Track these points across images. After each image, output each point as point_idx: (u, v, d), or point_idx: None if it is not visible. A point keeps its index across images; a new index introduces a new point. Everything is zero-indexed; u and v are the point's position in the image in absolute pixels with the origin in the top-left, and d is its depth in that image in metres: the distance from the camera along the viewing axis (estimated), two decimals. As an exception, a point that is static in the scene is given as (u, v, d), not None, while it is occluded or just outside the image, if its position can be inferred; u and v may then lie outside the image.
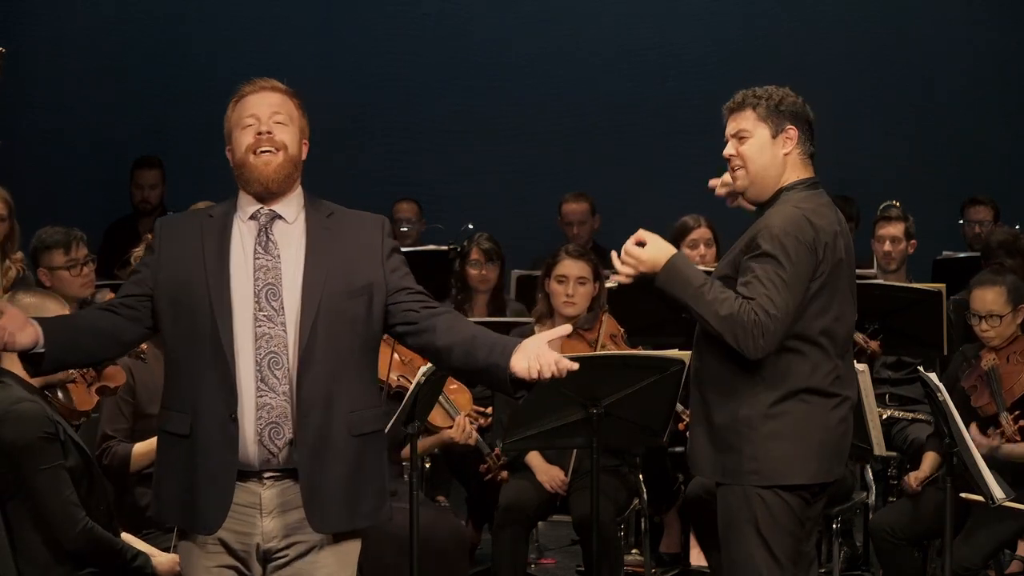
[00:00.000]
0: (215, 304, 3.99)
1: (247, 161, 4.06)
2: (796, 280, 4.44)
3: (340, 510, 4.02)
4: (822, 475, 4.55)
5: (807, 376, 4.50)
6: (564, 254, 6.71)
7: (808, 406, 4.50)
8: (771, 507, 4.51)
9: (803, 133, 4.62)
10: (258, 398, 3.97)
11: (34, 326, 3.98)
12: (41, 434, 4.91)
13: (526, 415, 5.73)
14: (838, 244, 4.54)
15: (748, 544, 4.53)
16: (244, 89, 4.17)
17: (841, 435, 4.59)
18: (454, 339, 4.03)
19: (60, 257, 6.54)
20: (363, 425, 4.05)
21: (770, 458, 4.49)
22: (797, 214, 4.49)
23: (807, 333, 4.49)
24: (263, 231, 4.06)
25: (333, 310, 4.01)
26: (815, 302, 4.50)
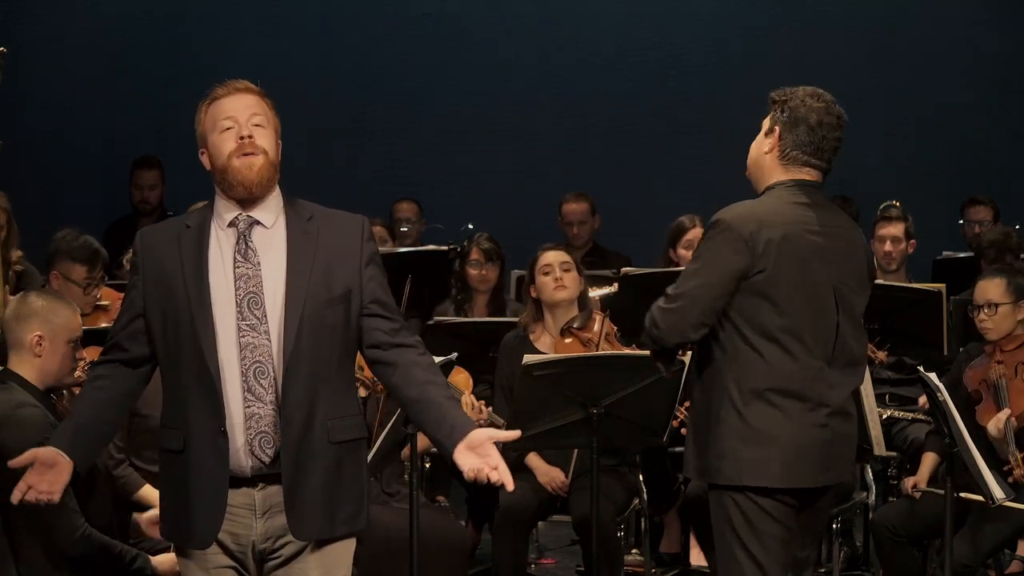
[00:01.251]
0: (196, 318, 3.97)
1: (230, 165, 4.01)
2: (710, 271, 4.45)
3: (319, 517, 4.02)
4: (791, 480, 4.47)
5: (769, 376, 4.45)
6: (541, 250, 6.77)
7: (775, 408, 4.45)
8: (743, 509, 4.49)
9: (791, 136, 4.58)
10: (246, 409, 3.97)
11: (60, 466, 4.02)
12: (41, 440, 4.90)
13: (526, 415, 5.73)
14: (796, 243, 4.47)
15: (728, 545, 4.53)
16: (217, 92, 4.08)
17: (818, 442, 4.48)
18: (407, 392, 4.05)
19: (81, 273, 6.42)
20: (342, 432, 4.04)
21: (733, 458, 4.47)
22: (747, 207, 4.51)
23: (765, 329, 4.45)
24: (242, 238, 4.03)
25: (315, 317, 3.99)
26: (764, 298, 4.45)
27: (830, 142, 4.62)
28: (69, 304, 5.23)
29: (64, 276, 6.45)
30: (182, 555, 4.12)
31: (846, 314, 4.55)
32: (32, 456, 4.02)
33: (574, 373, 5.65)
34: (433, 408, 4.01)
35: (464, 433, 3.97)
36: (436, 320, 7.32)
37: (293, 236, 4.05)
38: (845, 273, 4.57)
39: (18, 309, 5.11)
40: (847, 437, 4.58)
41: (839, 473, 4.59)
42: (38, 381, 5.07)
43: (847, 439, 4.58)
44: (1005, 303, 6.31)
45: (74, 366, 5.20)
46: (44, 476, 4.02)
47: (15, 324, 5.07)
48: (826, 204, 4.63)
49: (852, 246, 4.63)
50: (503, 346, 6.70)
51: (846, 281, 4.57)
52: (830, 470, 4.54)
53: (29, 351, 5.04)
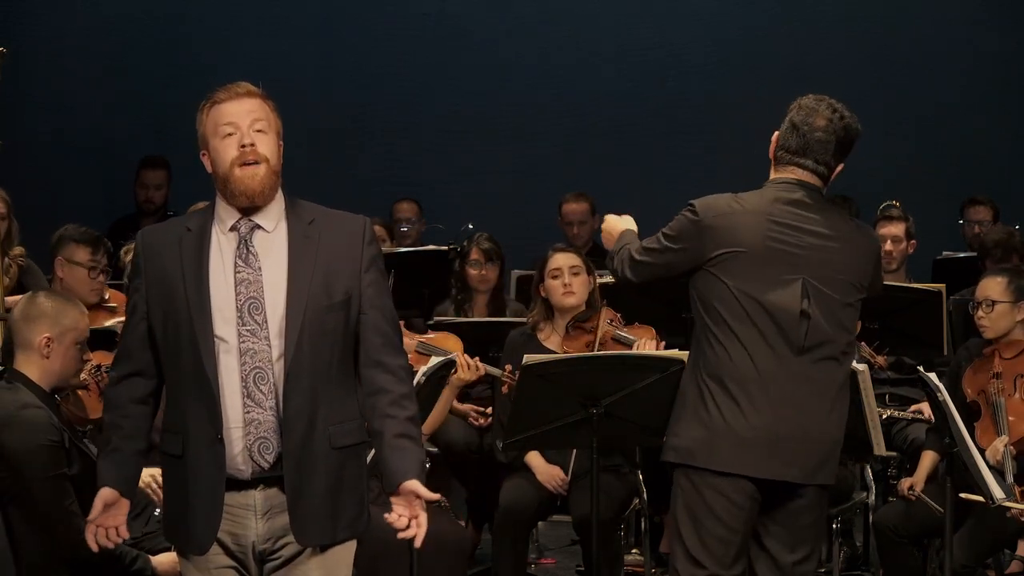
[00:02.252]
0: (196, 323, 3.96)
1: (232, 175, 3.99)
2: (664, 242, 4.67)
3: (322, 523, 4.03)
4: (737, 466, 4.49)
5: (729, 365, 4.51)
6: (552, 251, 6.78)
7: (728, 397, 4.50)
8: (683, 489, 4.55)
9: (783, 138, 4.67)
10: (245, 414, 3.97)
11: (121, 502, 4.06)
12: (45, 442, 4.91)
13: (526, 415, 5.73)
14: (759, 232, 4.53)
15: (672, 534, 4.62)
16: (218, 95, 4.04)
17: (773, 433, 4.49)
18: (367, 417, 4.07)
19: (85, 255, 6.56)
20: (344, 437, 4.04)
21: (686, 436, 4.56)
22: (719, 197, 4.65)
23: (718, 315, 4.54)
24: (243, 243, 4.02)
25: (316, 323, 3.98)
26: (723, 286, 4.52)
27: (815, 143, 4.63)
28: (77, 305, 5.24)
29: (68, 260, 6.55)
30: (182, 556, 4.13)
31: (821, 311, 4.54)
32: (102, 502, 4.04)
33: (574, 373, 5.65)
34: (383, 447, 4.03)
35: (397, 482, 4.00)
36: (436, 320, 7.31)
37: (294, 240, 4.03)
38: (821, 271, 4.57)
39: (27, 310, 5.11)
40: (806, 432, 4.54)
41: (805, 472, 4.53)
42: (44, 382, 5.07)
43: (807, 434, 4.54)
44: (1004, 301, 6.29)
45: (80, 367, 5.21)
46: (108, 513, 4.05)
47: (23, 325, 5.08)
48: (812, 202, 4.63)
49: (844, 248, 4.61)
50: (508, 343, 6.70)
51: (820, 278, 4.56)
52: (790, 466, 4.51)
53: (37, 352, 5.05)
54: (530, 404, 5.70)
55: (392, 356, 4.08)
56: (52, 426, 4.94)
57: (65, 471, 4.92)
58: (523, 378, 5.67)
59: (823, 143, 4.63)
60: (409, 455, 4.01)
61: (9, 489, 4.96)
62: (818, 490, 4.60)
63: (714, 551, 4.51)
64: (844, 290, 4.60)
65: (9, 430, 4.91)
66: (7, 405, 4.95)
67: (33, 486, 4.90)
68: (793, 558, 4.60)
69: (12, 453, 4.92)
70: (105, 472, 4.07)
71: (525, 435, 5.79)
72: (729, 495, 4.49)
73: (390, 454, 4.01)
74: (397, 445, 4.01)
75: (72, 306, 5.19)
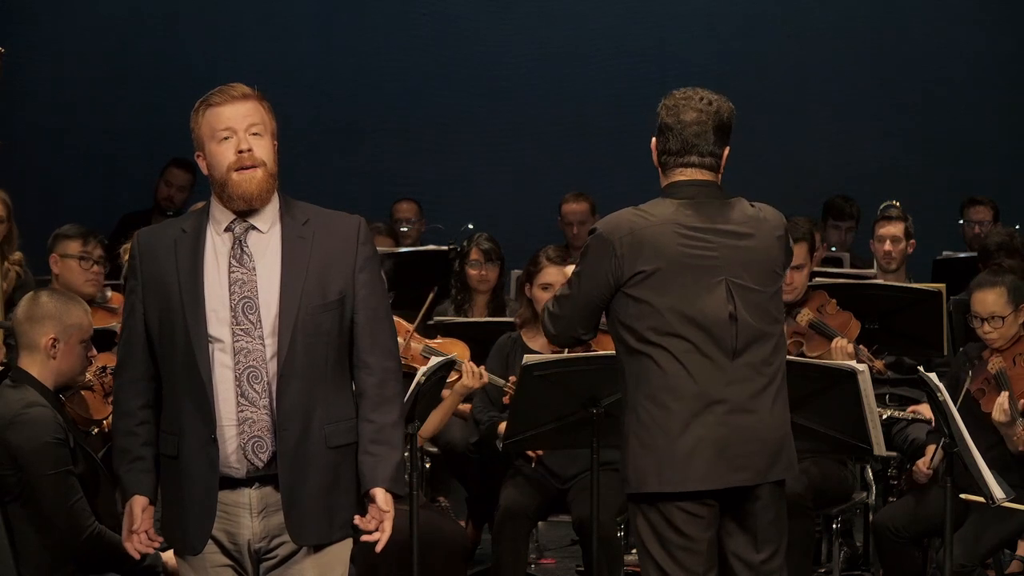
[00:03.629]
0: (190, 324, 3.99)
1: (229, 179, 4.02)
2: (585, 274, 4.55)
3: (318, 522, 4.05)
4: (686, 483, 4.42)
5: (658, 378, 4.43)
6: (546, 261, 6.69)
7: (664, 410, 4.42)
8: (648, 517, 4.49)
9: (660, 144, 4.61)
10: (239, 413, 3.99)
11: (149, 508, 4.11)
12: (50, 439, 4.92)
13: (526, 415, 5.73)
14: (669, 243, 4.45)
15: (641, 556, 4.55)
16: (213, 98, 4.06)
17: (714, 441, 4.43)
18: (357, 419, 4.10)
19: (75, 247, 6.67)
20: (339, 437, 4.06)
21: (632, 466, 4.47)
22: (621, 214, 4.55)
23: (641, 335, 4.44)
24: (237, 243, 4.04)
25: (310, 323, 4.01)
26: (644, 302, 4.44)
27: (693, 137, 4.54)
28: (79, 303, 5.26)
29: (61, 255, 6.70)
30: (179, 556, 4.14)
31: (747, 308, 4.48)
32: (140, 510, 4.09)
33: (574, 373, 5.65)
34: (359, 451, 4.08)
35: (366, 488, 4.06)
36: (436, 320, 7.31)
37: (288, 241, 4.05)
38: (740, 266, 4.50)
39: (30, 310, 5.12)
40: (753, 432, 4.47)
41: (757, 473, 4.49)
42: (49, 381, 5.09)
43: (755, 436, 4.48)
44: (1008, 313, 6.31)
45: (86, 365, 5.23)
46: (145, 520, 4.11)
47: (28, 327, 5.09)
48: (711, 200, 4.54)
49: (750, 239, 4.54)
50: (497, 346, 6.68)
51: (742, 273, 4.50)
52: (741, 470, 4.46)
53: (43, 353, 5.07)
54: (530, 404, 5.70)
55: (378, 358, 4.09)
56: (58, 424, 4.96)
57: (71, 468, 4.93)
58: (523, 378, 5.67)
59: (700, 135, 4.54)
60: (381, 462, 4.04)
61: (13, 488, 4.97)
62: (773, 487, 4.54)
63: (684, 562, 4.48)
64: (765, 280, 4.53)
65: (15, 429, 4.92)
66: (13, 404, 4.96)
67: (39, 484, 4.92)
68: (760, 557, 4.56)
69: (18, 452, 4.93)
70: (135, 482, 4.10)
71: (525, 435, 5.79)
72: (686, 508, 4.46)
73: (363, 459, 4.06)
74: (370, 451, 4.05)
75: (75, 304, 5.20)
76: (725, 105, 4.59)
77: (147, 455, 4.11)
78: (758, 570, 4.56)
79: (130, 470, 4.10)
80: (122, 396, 4.15)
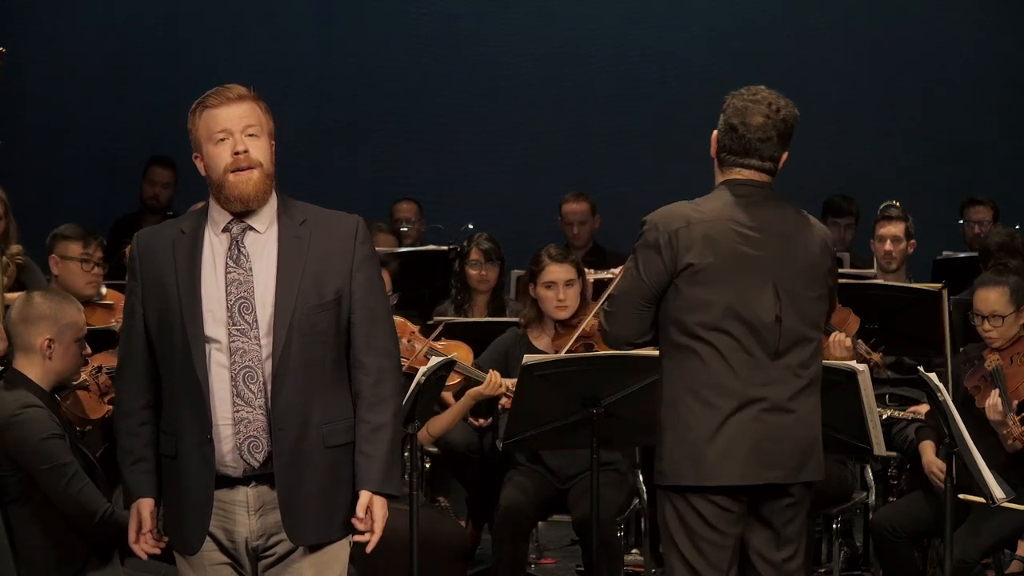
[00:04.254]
0: (187, 325, 4.00)
1: (226, 181, 4.03)
2: (635, 273, 4.52)
3: (315, 522, 4.06)
4: (721, 478, 4.44)
5: (702, 374, 4.45)
6: (548, 259, 6.66)
7: (706, 406, 4.44)
8: (679, 510, 4.49)
9: (722, 140, 4.61)
10: (235, 413, 4.00)
11: (154, 509, 4.12)
12: (45, 435, 4.93)
13: (526, 415, 5.73)
14: (723, 239, 4.47)
15: (666, 549, 4.56)
16: (210, 99, 4.07)
17: (751, 437, 4.45)
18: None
19: (76, 248, 6.63)
20: (337, 437, 4.06)
21: (669, 459, 4.48)
22: (674, 206, 4.56)
23: (688, 330, 4.46)
24: (235, 243, 4.05)
25: (306, 323, 4.01)
26: (693, 295, 4.45)
27: (757, 143, 4.56)
28: (73, 302, 5.26)
29: (61, 256, 6.65)
30: (179, 554, 4.15)
31: (792, 311, 4.51)
32: (148, 513, 4.11)
33: (574, 373, 5.65)
34: (354, 452, 4.08)
35: (357, 489, 4.06)
36: (436, 320, 7.31)
37: (284, 241, 4.06)
38: (788, 270, 4.53)
39: (24, 311, 5.12)
40: (788, 432, 4.50)
41: (790, 472, 4.51)
42: (44, 382, 5.10)
43: (790, 435, 4.50)
44: (1008, 313, 6.32)
45: (81, 363, 5.24)
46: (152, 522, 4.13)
47: (23, 328, 5.10)
48: (766, 202, 4.57)
49: (799, 243, 4.57)
50: (500, 341, 6.67)
51: (790, 277, 4.52)
52: (774, 468, 4.48)
53: (39, 354, 5.07)
54: (530, 404, 5.70)
55: (373, 358, 4.09)
56: (53, 422, 4.96)
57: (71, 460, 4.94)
58: (523, 378, 5.67)
59: (765, 140, 4.57)
60: (373, 463, 4.05)
61: (13, 488, 4.98)
62: (803, 488, 4.58)
63: (711, 558, 4.50)
64: (810, 285, 4.57)
65: (11, 430, 4.93)
66: (8, 406, 4.97)
67: (41, 479, 4.94)
68: (782, 555, 4.59)
69: (16, 452, 4.94)
70: (140, 484, 4.12)
71: (525, 435, 5.79)
72: (719, 503, 4.49)
73: (357, 459, 4.07)
74: (364, 451, 4.06)
75: (68, 303, 5.21)
76: (791, 112, 4.63)
77: (149, 456, 4.12)
78: (780, 568, 4.59)
79: (134, 471, 4.12)
80: (123, 396, 4.16)
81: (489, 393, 6.32)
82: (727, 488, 4.46)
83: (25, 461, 4.93)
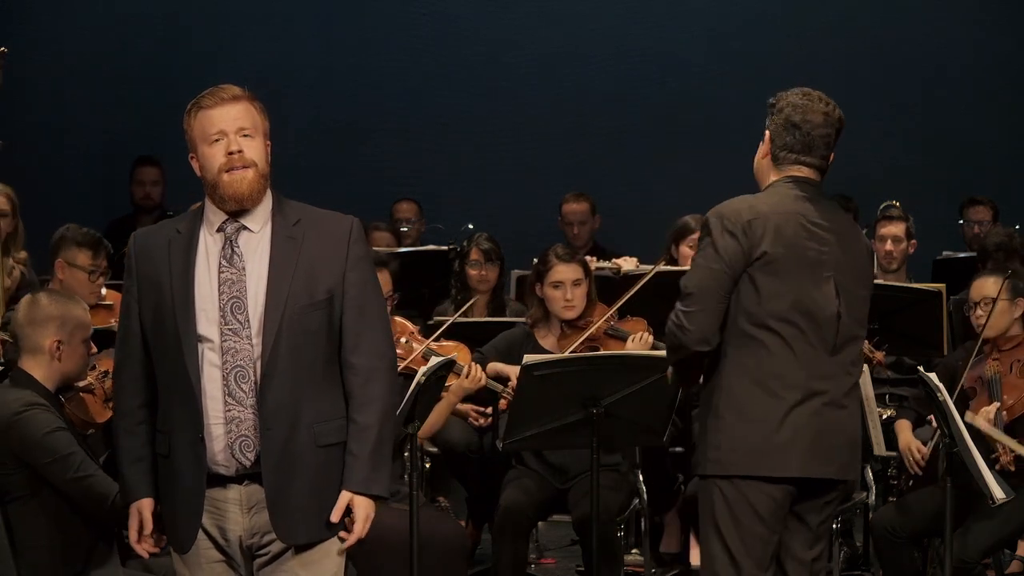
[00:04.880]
0: (180, 325, 4.01)
1: (221, 180, 4.04)
2: (716, 265, 4.45)
3: (307, 521, 4.06)
4: (782, 468, 4.46)
5: (768, 364, 4.45)
6: (555, 259, 6.65)
7: (772, 397, 4.45)
8: (730, 501, 4.49)
9: (780, 139, 4.59)
10: (226, 412, 4.01)
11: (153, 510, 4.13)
12: (49, 429, 4.96)
13: (526, 415, 5.73)
14: (791, 231, 4.48)
15: (707, 537, 4.54)
16: (204, 100, 4.09)
17: (812, 430, 4.48)
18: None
19: (86, 258, 6.55)
20: (328, 436, 4.07)
21: (728, 448, 4.47)
22: (743, 200, 4.53)
23: (759, 321, 4.46)
24: (228, 243, 4.06)
25: (297, 322, 4.02)
26: (763, 285, 4.45)
27: (819, 139, 4.60)
28: (79, 302, 5.28)
29: (69, 263, 6.56)
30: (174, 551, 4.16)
31: (848, 308, 4.55)
32: (149, 512, 4.12)
33: (574, 373, 5.65)
34: (348, 447, 4.08)
35: (342, 489, 4.07)
36: (436, 320, 7.31)
37: (277, 240, 4.07)
38: (844, 267, 4.57)
39: (32, 313, 5.14)
40: (842, 427, 4.55)
41: (840, 468, 4.56)
42: (51, 383, 5.13)
43: (843, 431, 4.55)
44: (1002, 299, 6.30)
45: (88, 363, 5.25)
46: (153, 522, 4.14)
47: (31, 330, 5.11)
48: (823, 199, 4.62)
49: (851, 243, 4.63)
50: (508, 336, 6.68)
51: (846, 274, 4.57)
52: (830, 463, 4.52)
53: (48, 355, 5.09)
54: (530, 404, 5.70)
55: (362, 358, 4.09)
56: (59, 424, 4.98)
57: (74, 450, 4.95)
58: (523, 378, 5.67)
59: (825, 138, 4.62)
60: (357, 463, 4.06)
61: (15, 487, 4.99)
62: (843, 485, 4.66)
63: (755, 552, 4.50)
64: (859, 284, 4.63)
65: (15, 427, 4.96)
66: (12, 404, 5.00)
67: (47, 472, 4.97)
68: (812, 554, 4.62)
69: (20, 449, 4.96)
70: (139, 484, 4.13)
71: (525, 435, 5.79)
72: (773, 495, 4.49)
73: (346, 459, 4.07)
74: (350, 451, 4.07)
75: (75, 304, 5.23)
76: (841, 113, 4.69)
77: (148, 455, 4.13)
78: (809, 568, 4.61)
79: (133, 470, 4.13)
80: (121, 396, 4.18)
81: (469, 386, 6.31)
82: (784, 480, 4.47)
83: (31, 457, 4.95)
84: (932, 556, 6.59)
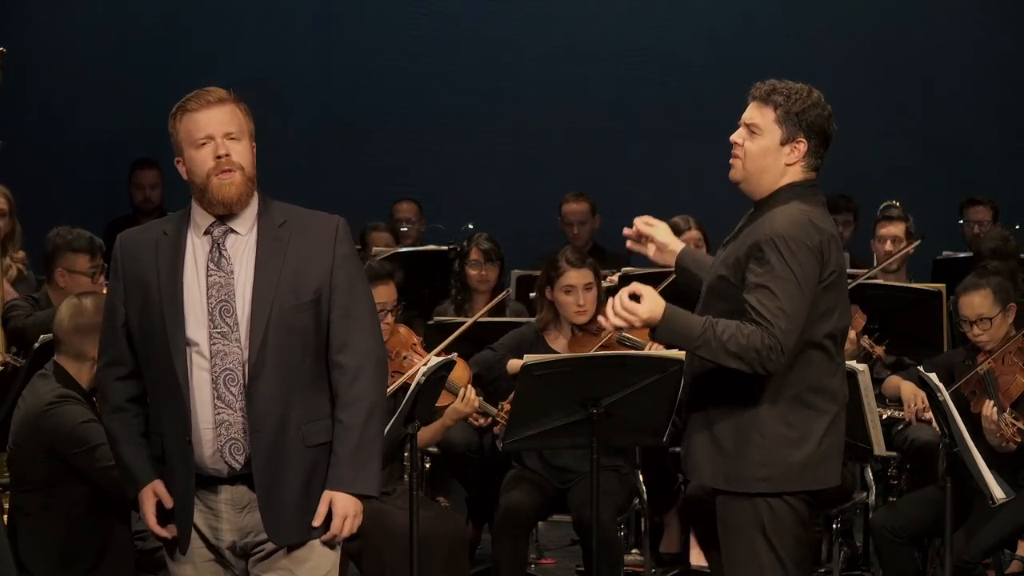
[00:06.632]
0: (168, 327, 4.02)
1: (209, 184, 4.05)
2: (805, 286, 4.38)
3: (298, 521, 4.08)
4: (829, 479, 4.53)
5: (812, 379, 4.47)
6: (565, 263, 6.64)
7: (814, 410, 4.48)
8: (779, 514, 4.49)
9: (812, 147, 4.54)
10: (216, 416, 4.02)
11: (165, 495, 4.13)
12: (83, 419, 5.02)
13: (526, 415, 5.72)
14: (837, 247, 4.52)
15: (753, 549, 4.51)
16: (190, 103, 4.09)
17: (842, 437, 4.58)
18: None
19: (84, 263, 6.57)
20: (317, 436, 4.08)
21: (781, 465, 4.45)
22: (803, 218, 4.43)
23: (813, 338, 4.45)
24: (215, 246, 4.07)
25: (284, 323, 4.02)
26: (821, 305, 4.45)
27: (830, 141, 4.65)
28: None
29: (69, 270, 6.58)
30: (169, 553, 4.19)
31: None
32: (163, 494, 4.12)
33: (574, 373, 5.65)
34: (334, 449, 4.10)
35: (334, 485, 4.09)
36: (436, 320, 7.32)
37: (263, 242, 4.07)
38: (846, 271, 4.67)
39: (78, 320, 5.19)
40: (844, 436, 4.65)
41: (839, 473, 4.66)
42: (85, 383, 5.18)
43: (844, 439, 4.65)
44: (995, 314, 6.33)
45: None
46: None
47: (78, 338, 5.17)
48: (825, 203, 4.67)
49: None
50: (518, 334, 6.68)
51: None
52: (839, 469, 4.60)
53: (89, 362, 5.10)
54: (530, 404, 5.70)
55: (348, 357, 4.10)
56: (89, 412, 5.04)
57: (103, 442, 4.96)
58: (523, 378, 5.67)
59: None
60: (340, 463, 4.07)
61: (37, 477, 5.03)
62: None
63: (798, 555, 4.56)
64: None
65: (47, 417, 5.07)
66: (45, 395, 5.10)
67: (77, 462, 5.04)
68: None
69: (52, 438, 5.01)
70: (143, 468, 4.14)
71: (525, 435, 5.79)
72: (810, 501, 4.57)
73: (331, 459, 4.09)
74: (334, 450, 4.09)
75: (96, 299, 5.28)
76: None
77: (145, 444, 4.15)
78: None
79: (136, 459, 4.14)
80: (113, 395, 4.19)
81: (463, 409, 6.27)
82: (816, 491, 4.54)
83: (64, 445, 5.01)
84: (932, 556, 6.59)
